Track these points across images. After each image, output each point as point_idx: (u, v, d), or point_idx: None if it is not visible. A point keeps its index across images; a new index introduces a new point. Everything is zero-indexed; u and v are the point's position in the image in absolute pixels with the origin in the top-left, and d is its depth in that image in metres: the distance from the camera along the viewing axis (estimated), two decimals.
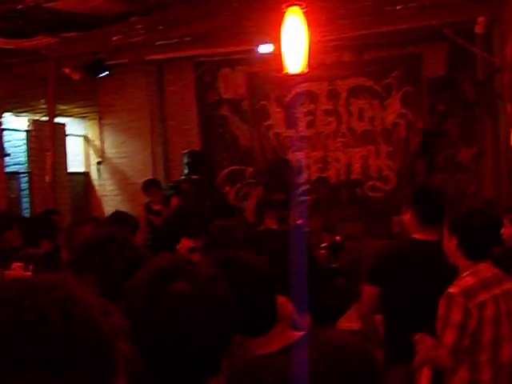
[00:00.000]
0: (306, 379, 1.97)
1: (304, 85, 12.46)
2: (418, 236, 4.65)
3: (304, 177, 12.47)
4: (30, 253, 5.66)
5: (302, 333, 2.38)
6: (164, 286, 1.79)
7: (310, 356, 1.95)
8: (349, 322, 6.27)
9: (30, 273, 4.89)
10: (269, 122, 12.96)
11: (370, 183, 12.46)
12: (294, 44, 6.89)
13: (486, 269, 3.96)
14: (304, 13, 6.88)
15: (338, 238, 9.48)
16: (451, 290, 3.84)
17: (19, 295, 1.14)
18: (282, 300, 2.53)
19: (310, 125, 12.68)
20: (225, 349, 1.87)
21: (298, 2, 6.83)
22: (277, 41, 7.64)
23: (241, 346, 2.32)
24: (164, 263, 1.88)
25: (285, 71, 7.02)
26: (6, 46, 9.95)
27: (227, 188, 13.09)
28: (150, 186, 11.05)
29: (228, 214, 10.82)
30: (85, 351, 1.11)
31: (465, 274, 3.94)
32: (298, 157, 12.63)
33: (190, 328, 1.75)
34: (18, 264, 5.16)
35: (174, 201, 10.54)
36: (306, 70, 6.95)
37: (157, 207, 10.72)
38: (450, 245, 4.05)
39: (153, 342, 1.76)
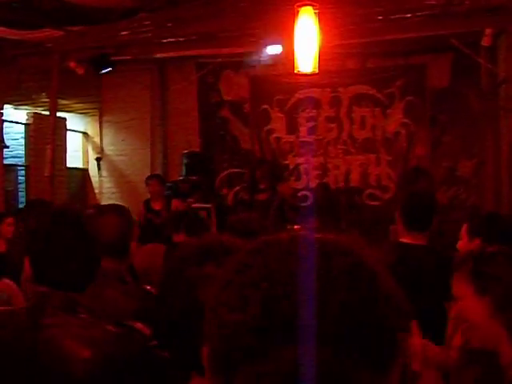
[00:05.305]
0: None
1: (306, 91, 12.45)
2: (404, 240, 4.63)
3: (303, 182, 12.46)
4: None
5: None
6: None
7: None
8: None
9: None
10: (270, 127, 12.88)
11: (369, 191, 12.41)
12: (305, 44, 6.87)
13: None
14: (316, 14, 6.87)
15: None
16: None
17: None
18: None
19: (311, 131, 12.64)
20: None
21: (311, 3, 6.81)
22: (284, 43, 7.62)
23: None
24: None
25: (296, 70, 6.99)
26: (11, 37, 9.88)
27: (225, 190, 13.01)
28: (152, 177, 11.30)
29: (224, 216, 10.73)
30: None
31: None
32: (297, 162, 12.62)
33: None
34: None
35: (175, 203, 10.45)
36: (316, 71, 6.93)
37: (157, 207, 10.74)
38: (471, 246, 4.05)
39: None
